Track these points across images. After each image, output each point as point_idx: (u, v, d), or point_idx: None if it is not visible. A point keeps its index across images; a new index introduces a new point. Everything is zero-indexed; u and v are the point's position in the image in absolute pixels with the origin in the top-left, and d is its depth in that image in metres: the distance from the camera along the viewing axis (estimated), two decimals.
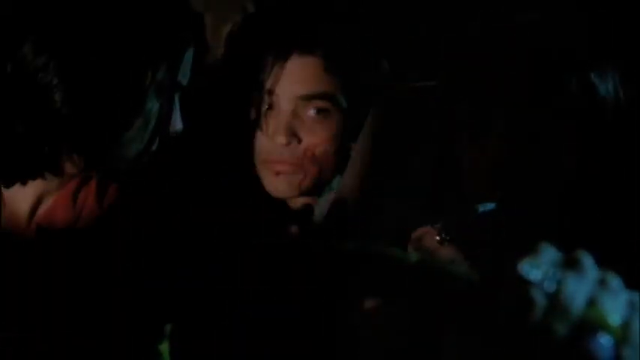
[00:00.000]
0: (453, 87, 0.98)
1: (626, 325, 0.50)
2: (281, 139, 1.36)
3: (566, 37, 0.93)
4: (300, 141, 1.37)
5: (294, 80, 1.36)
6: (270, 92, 1.37)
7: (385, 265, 0.57)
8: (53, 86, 0.97)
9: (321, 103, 1.36)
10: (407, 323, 1.01)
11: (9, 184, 1.05)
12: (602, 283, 0.52)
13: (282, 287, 1.07)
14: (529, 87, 0.90)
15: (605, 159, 0.93)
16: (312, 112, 1.36)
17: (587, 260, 0.52)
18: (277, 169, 1.38)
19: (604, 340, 0.50)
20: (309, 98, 1.36)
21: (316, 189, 1.40)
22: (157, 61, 1.02)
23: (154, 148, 1.05)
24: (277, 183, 1.38)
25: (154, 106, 1.03)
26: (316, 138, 1.37)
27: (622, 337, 0.50)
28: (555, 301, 0.50)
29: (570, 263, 0.52)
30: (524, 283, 0.51)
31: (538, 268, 0.51)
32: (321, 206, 1.44)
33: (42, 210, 1.09)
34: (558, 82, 0.90)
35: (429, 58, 1.15)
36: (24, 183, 1.05)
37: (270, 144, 1.37)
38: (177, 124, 1.08)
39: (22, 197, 1.07)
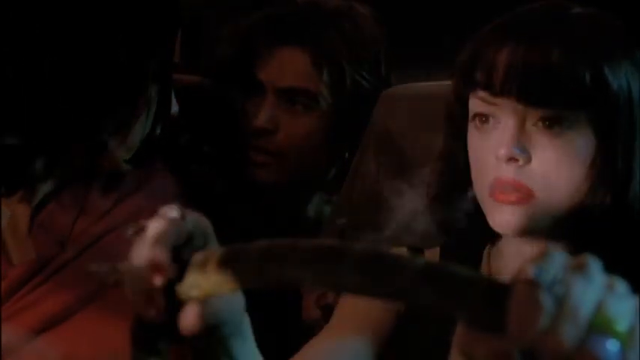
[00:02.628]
0: (464, 79, 0.98)
1: (633, 331, 0.51)
2: (258, 122, 1.36)
3: (580, 31, 0.94)
4: (277, 130, 1.37)
5: (280, 71, 1.37)
6: (256, 79, 1.38)
7: (393, 267, 0.57)
8: (53, 82, 0.97)
9: (303, 99, 1.36)
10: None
11: (14, 187, 1.05)
12: (609, 287, 0.52)
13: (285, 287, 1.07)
14: (541, 82, 0.90)
15: (618, 155, 0.93)
16: (293, 104, 1.37)
17: (595, 265, 0.53)
18: (254, 158, 1.38)
19: (611, 345, 0.50)
20: (292, 92, 1.36)
21: (299, 184, 1.41)
22: (152, 46, 1.02)
23: (157, 132, 1.05)
24: (256, 172, 1.39)
25: (153, 90, 1.03)
26: (295, 130, 1.37)
27: (629, 343, 0.50)
28: (563, 304, 0.50)
29: (578, 267, 0.52)
30: (533, 286, 0.51)
31: (547, 271, 0.51)
32: (315, 204, 1.44)
33: (43, 211, 1.08)
34: (571, 77, 0.90)
35: (437, 52, 1.15)
36: (32, 185, 1.05)
37: (249, 129, 1.38)
38: (173, 106, 1.08)
39: (23, 199, 1.07)
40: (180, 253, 0.70)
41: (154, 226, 0.70)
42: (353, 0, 1.44)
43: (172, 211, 0.71)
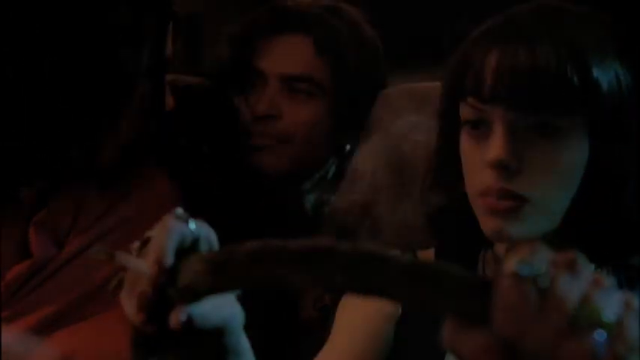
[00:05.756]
0: (454, 84, 0.98)
1: (619, 322, 0.51)
2: (260, 108, 1.37)
3: (568, 33, 0.93)
4: (280, 117, 1.37)
5: (281, 58, 1.38)
6: (258, 69, 1.38)
7: (378, 265, 0.57)
8: (46, 79, 0.97)
9: (305, 86, 1.37)
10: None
11: (12, 184, 1.05)
12: (595, 282, 0.52)
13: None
14: (529, 87, 0.90)
15: (612, 159, 0.93)
16: (295, 92, 1.37)
17: (581, 259, 0.53)
18: (256, 143, 1.38)
19: (598, 335, 0.50)
20: (293, 79, 1.37)
21: (299, 176, 1.41)
22: (144, 40, 1.02)
23: (152, 129, 1.06)
24: (258, 158, 1.39)
25: (146, 85, 1.03)
26: (298, 117, 1.38)
27: (616, 333, 0.50)
28: (549, 297, 0.51)
29: (564, 262, 0.52)
30: (517, 279, 0.51)
31: (530, 264, 0.52)
32: (312, 201, 1.44)
33: (41, 212, 1.08)
34: (560, 81, 0.90)
35: (430, 55, 1.15)
36: (29, 183, 1.05)
37: (251, 116, 1.38)
38: (169, 102, 1.08)
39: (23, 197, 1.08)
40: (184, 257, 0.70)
41: (160, 229, 0.70)
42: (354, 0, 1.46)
43: (178, 215, 0.71)
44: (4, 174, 1.03)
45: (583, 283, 0.52)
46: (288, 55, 1.38)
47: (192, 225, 0.70)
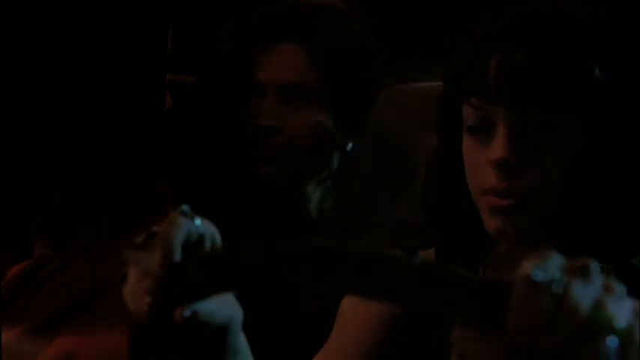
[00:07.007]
0: (456, 85, 0.98)
1: (631, 329, 0.51)
2: (262, 121, 1.38)
3: (571, 33, 0.93)
4: (283, 126, 1.38)
5: (276, 69, 1.39)
6: (254, 81, 1.39)
7: (390, 267, 0.57)
8: (41, 79, 0.97)
9: (303, 93, 1.38)
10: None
11: (13, 184, 1.05)
12: (607, 288, 0.53)
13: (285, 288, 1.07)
14: (533, 88, 0.91)
15: (614, 157, 0.93)
16: (294, 100, 1.38)
17: (594, 266, 0.53)
18: (263, 156, 1.39)
19: (610, 342, 0.50)
20: (292, 88, 1.38)
21: (304, 179, 1.42)
22: (141, 40, 1.02)
23: (150, 130, 1.05)
24: (266, 170, 1.40)
25: (145, 88, 1.03)
26: (299, 124, 1.39)
27: (628, 340, 0.51)
28: (562, 304, 0.51)
29: (577, 268, 0.53)
30: (532, 286, 0.51)
31: (545, 271, 0.52)
32: (315, 201, 1.44)
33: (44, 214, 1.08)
34: (563, 81, 0.90)
35: (430, 55, 1.16)
36: (30, 183, 1.05)
37: (254, 128, 1.39)
38: (167, 102, 1.08)
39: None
40: (189, 254, 0.70)
41: (167, 225, 0.70)
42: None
43: (184, 212, 0.71)
44: (5, 174, 1.03)
45: (595, 290, 0.52)
46: (283, 66, 1.40)
47: (198, 222, 0.70)
